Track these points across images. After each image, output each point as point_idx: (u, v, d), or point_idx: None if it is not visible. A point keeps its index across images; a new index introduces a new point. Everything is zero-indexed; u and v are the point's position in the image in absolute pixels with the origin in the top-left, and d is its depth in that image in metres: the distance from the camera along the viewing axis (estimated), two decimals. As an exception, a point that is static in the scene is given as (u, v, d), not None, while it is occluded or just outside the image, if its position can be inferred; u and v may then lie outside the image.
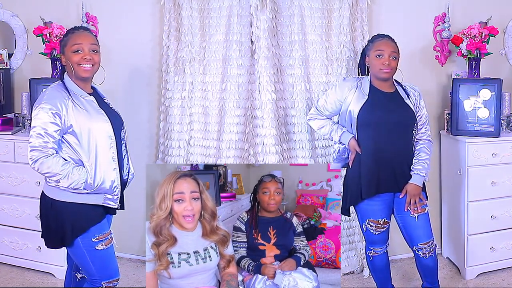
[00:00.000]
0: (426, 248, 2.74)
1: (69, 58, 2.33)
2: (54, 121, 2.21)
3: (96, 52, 2.36)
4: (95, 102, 2.35)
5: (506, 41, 3.72)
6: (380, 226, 2.77)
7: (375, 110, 2.70)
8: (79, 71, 2.32)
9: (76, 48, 2.32)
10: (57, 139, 2.23)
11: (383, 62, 2.69)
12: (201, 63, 3.38)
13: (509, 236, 3.43)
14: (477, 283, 3.37)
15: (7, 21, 3.74)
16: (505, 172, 3.36)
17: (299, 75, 3.35)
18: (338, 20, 3.40)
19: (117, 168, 2.33)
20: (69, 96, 2.28)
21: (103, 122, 2.31)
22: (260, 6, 3.23)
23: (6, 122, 3.51)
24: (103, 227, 2.33)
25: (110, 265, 2.36)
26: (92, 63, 2.33)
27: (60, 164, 2.22)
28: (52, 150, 2.22)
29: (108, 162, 2.31)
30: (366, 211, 2.77)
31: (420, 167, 2.73)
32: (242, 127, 3.31)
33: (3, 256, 3.51)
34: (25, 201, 3.38)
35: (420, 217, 2.72)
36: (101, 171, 2.28)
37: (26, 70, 3.75)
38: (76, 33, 2.37)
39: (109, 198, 2.33)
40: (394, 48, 2.73)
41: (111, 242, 2.36)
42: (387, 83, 2.78)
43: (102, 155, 2.29)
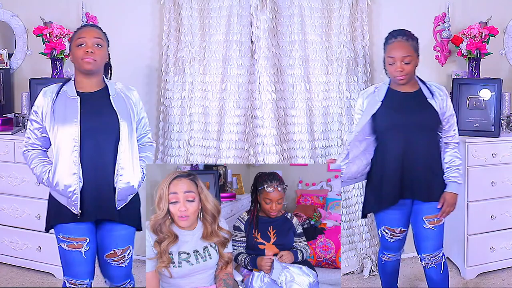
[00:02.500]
0: (428, 258, 2.67)
1: (74, 53, 2.32)
2: (35, 119, 2.34)
3: (100, 46, 2.32)
4: (78, 103, 2.28)
5: (506, 41, 3.72)
6: (396, 234, 2.68)
7: (390, 114, 2.56)
8: (82, 65, 2.30)
9: (80, 42, 2.30)
10: (38, 136, 2.35)
11: (395, 69, 2.53)
12: (201, 63, 3.38)
13: (509, 236, 3.43)
14: (477, 283, 3.36)
15: (7, 21, 3.74)
16: (505, 172, 3.36)
17: (299, 75, 3.35)
18: (338, 20, 3.40)
19: (78, 173, 2.24)
20: (55, 96, 2.31)
21: (70, 124, 2.25)
22: (260, 6, 3.23)
23: (6, 122, 3.51)
24: (68, 230, 2.29)
25: (72, 267, 2.33)
26: (95, 57, 2.29)
27: (32, 159, 2.36)
28: (32, 146, 2.37)
29: (67, 165, 2.25)
30: (383, 218, 2.67)
31: (457, 174, 2.57)
32: (242, 127, 3.31)
33: (3, 256, 3.51)
34: (25, 201, 3.38)
35: (434, 228, 2.61)
36: (58, 172, 2.26)
37: (26, 70, 3.75)
38: (81, 28, 2.38)
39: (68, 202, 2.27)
40: (406, 51, 2.52)
41: (76, 248, 2.30)
42: (408, 85, 2.61)
43: (62, 157, 2.26)
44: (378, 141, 2.62)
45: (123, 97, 2.40)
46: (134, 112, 2.41)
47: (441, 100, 2.58)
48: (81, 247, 2.30)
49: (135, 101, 2.45)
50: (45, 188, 3.29)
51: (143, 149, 2.50)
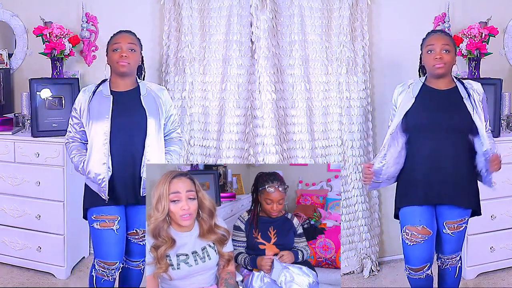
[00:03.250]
0: (444, 259, 2.64)
1: (110, 56, 2.63)
2: (75, 115, 2.64)
3: (133, 51, 2.61)
4: (111, 101, 2.56)
5: (506, 41, 3.72)
6: (416, 235, 2.51)
7: (423, 111, 2.50)
8: (117, 67, 2.59)
9: (115, 47, 2.60)
10: (78, 130, 2.63)
11: (435, 56, 2.46)
12: (201, 63, 3.38)
13: (509, 236, 3.43)
14: (477, 283, 3.36)
15: (7, 21, 3.74)
16: (505, 172, 3.35)
17: (299, 75, 3.35)
18: (338, 20, 3.40)
19: (107, 163, 2.50)
20: (91, 94, 2.61)
21: (102, 120, 2.53)
22: (260, 6, 3.23)
23: (6, 122, 3.51)
24: (101, 210, 2.55)
25: (104, 246, 2.56)
26: (128, 60, 2.58)
27: (71, 150, 2.64)
28: (73, 139, 2.66)
29: (98, 156, 2.51)
30: (406, 216, 2.56)
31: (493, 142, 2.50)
32: (242, 127, 3.31)
33: (3, 256, 3.50)
34: (25, 201, 3.37)
35: (453, 235, 2.56)
36: (91, 162, 2.53)
37: (26, 70, 3.75)
38: (117, 34, 2.67)
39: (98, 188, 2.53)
40: (446, 40, 2.49)
41: (108, 226, 2.54)
42: (443, 80, 2.54)
43: (94, 149, 2.53)
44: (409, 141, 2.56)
45: (153, 96, 2.67)
46: (162, 110, 2.67)
47: (478, 102, 2.51)
48: (112, 225, 2.55)
49: (165, 100, 2.71)
50: (45, 188, 3.31)
51: (171, 143, 2.77)
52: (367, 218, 3.52)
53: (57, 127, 3.36)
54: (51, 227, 3.35)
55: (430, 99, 2.54)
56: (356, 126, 3.45)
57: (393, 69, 3.55)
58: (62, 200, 3.32)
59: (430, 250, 2.57)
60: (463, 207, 2.54)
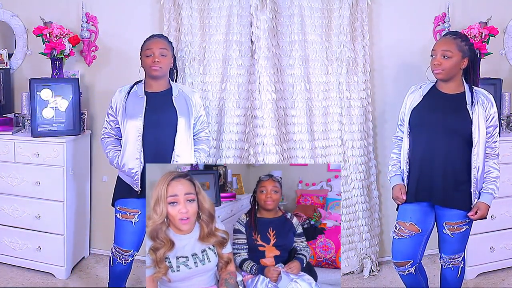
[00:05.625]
0: (446, 259, 2.65)
1: (143, 61, 2.80)
2: (111, 113, 2.84)
3: (165, 56, 2.78)
4: (144, 101, 2.75)
5: (506, 41, 3.72)
6: (403, 230, 2.58)
7: (427, 111, 2.54)
8: (150, 71, 2.78)
9: (148, 53, 2.77)
10: (113, 126, 2.84)
11: (434, 62, 2.51)
12: (201, 63, 3.38)
13: (509, 236, 3.44)
14: (477, 283, 3.37)
15: (7, 21, 3.74)
16: (505, 172, 3.35)
17: (299, 75, 3.35)
18: (338, 20, 3.40)
19: (140, 158, 2.70)
20: (127, 94, 2.80)
21: (136, 118, 2.73)
22: (260, 6, 3.23)
23: (6, 122, 3.51)
24: (125, 202, 2.77)
25: (122, 235, 2.79)
26: (160, 65, 2.75)
27: (107, 145, 2.86)
28: (108, 134, 2.87)
29: (132, 152, 2.72)
30: (400, 212, 2.64)
31: (493, 186, 2.55)
32: (242, 127, 3.32)
33: (3, 256, 3.50)
34: (25, 201, 3.38)
35: (453, 236, 2.58)
36: (125, 156, 2.74)
37: (26, 70, 3.75)
38: (149, 39, 2.83)
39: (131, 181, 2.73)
40: (448, 46, 2.49)
41: (128, 218, 2.75)
42: (451, 84, 2.56)
43: (128, 145, 2.73)
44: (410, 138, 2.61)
45: (185, 97, 2.85)
46: (192, 111, 2.84)
47: (483, 109, 2.51)
48: (132, 217, 2.75)
49: (195, 101, 2.89)
50: (45, 188, 3.31)
51: (200, 142, 2.94)
52: (367, 218, 3.52)
53: (57, 127, 3.36)
54: (51, 227, 3.35)
55: (434, 101, 2.57)
56: (356, 126, 3.45)
57: (393, 69, 3.56)
58: (62, 200, 3.32)
59: (415, 247, 2.61)
60: (457, 209, 2.55)
